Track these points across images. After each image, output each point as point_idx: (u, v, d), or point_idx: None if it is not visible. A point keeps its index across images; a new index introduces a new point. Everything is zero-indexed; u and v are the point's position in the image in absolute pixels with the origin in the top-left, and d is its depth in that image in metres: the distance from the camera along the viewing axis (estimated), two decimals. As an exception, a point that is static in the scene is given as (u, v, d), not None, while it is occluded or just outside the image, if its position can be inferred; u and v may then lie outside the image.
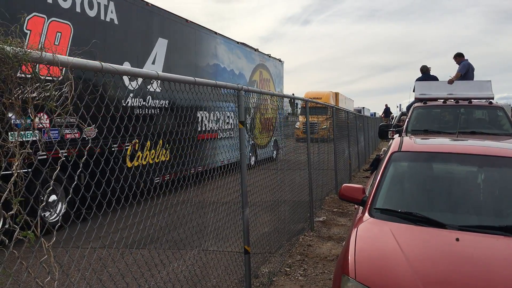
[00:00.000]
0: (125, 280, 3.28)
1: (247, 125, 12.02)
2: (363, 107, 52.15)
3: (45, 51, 2.17)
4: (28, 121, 2.16)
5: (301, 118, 14.62)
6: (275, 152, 17.88)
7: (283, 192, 6.88)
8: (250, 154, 15.24)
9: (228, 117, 13.93)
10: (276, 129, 16.15)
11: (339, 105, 28.96)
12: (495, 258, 3.10)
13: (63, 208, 7.39)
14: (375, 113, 59.59)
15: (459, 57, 10.43)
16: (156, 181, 5.50)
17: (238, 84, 4.53)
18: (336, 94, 34.90)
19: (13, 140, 2.07)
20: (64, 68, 2.31)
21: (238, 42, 15.66)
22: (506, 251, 3.17)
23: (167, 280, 4.52)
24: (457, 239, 3.21)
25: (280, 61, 20.63)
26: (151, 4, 10.45)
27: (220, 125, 13.54)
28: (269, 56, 19.09)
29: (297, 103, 10.67)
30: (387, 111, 36.16)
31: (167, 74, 3.33)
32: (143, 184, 3.71)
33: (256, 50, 17.51)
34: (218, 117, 13.45)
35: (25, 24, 6.88)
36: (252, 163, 15.34)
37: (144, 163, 9.37)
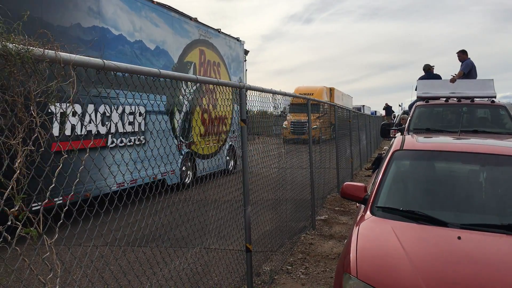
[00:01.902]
0: (127, 278, 3.29)
1: (178, 124, 10.85)
2: (363, 105, 51.13)
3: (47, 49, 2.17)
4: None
5: (289, 117, 13.63)
6: (231, 163, 14.28)
7: (285, 190, 6.88)
8: (184, 168, 11.49)
9: (133, 112, 9.08)
10: (232, 131, 14.28)
11: (334, 102, 26.48)
12: (497, 257, 3.09)
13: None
14: (375, 111, 59.20)
15: (462, 54, 10.40)
16: None
17: (240, 82, 4.53)
18: (331, 90, 32.39)
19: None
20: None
21: (154, 2, 10.65)
22: (508, 250, 3.17)
23: (169, 277, 4.52)
24: (459, 238, 3.20)
25: (238, 40, 15.72)
26: None
27: (116, 126, 8.42)
28: (219, 32, 14.14)
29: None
30: (388, 109, 36.05)
31: (169, 72, 3.33)
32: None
33: (193, 19, 12.47)
34: (108, 113, 8.05)
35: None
36: (188, 180, 11.59)
37: None
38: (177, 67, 11.40)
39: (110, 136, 8.16)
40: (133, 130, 9.22)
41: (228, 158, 14.04)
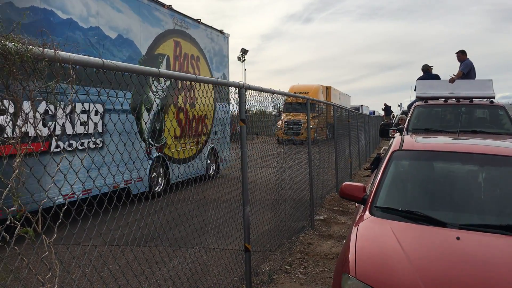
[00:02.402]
0: (126, 277, 3.29)
1: (146, 125, 9.53)
2: (361, 105, 50.87)
3: (46, 48, 2.17)
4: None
5: (283, 116, 12.55)
6: (213, 167, 13.06)
7: (284, 190, 6.88)
8: (154, 174, 10.18)
9: (86, 111, 7.61)
10: (214, 132, 13.05)
11: (331, 101, 25.88)
12: (496, 257, 3.09)
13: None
14: (374, 111, 59.07)
15: (462, 55, 10.40)
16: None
17: (239, 82, 4.52)
18: (328, 89, 31.41)
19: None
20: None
21: None
22: (507, 250, 3.17)
23: (168, 277, 4.52)
24: (458, 238, 3.21)
25: (222, 33, 14.20)
26: None
27: (62, 127, 6.72)
28: (199, 22, 12.72)
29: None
30: (387, 109, 36.05)
31: (167, 72, 3.33)
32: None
33: (166, 6, 11.09)
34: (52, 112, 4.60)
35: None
36: (158, 189, 10.21)
37: None
38: (145, 60, 9.94)
39: (54, 139, 6.04)
40: (86, 132, 7.93)
41: (209, 162, 12.75)
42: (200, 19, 12.76)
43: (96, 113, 8.02)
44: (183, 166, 10.49)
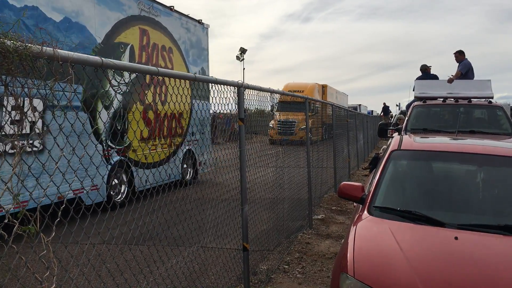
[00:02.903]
0: (124, 276, 3.29)
1: (104, 125, 8.09)
2: (359, 105, 50.27)
3: (45, 46, 2.16)
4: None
5: (277, 115, 11.64)
6: (190, 171, 11.69)
7: (282, 189, 6.88)
8: (115, 181, 8.84)
9: (19, 107, 2.85)
10: (191, 133, 11.74)
11: (327, 100, 25.25)
12: (494, 257, 3.10)
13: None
14: (372, 111, 58.94)
15: (460, 55, 10.41)
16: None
17: (238, 81, 4.52)
18: (324, 87, 30.59)
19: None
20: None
21: None
22: (505, 250, 3.18)
23: (166, 276, 4.52)
24: (456, 238, 3.21)
25: (200, 23, 12.76)
26: None
27: None
28: (172, 10, 11.35)
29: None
30: (385, 109, 36.10)
31: (166, 70, 3.33)
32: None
33: None
34: None
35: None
36: (119, 199, 8.72)
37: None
38: (102, 49, 8.56)
39: None
40: (18, 132, 5.92)
41: (185, 166, 11.45)
42: (173, 6, 11.31)
43: (34, 110, 6.58)
44: (152, 171, 8.74)
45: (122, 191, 9.01)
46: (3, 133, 2.40)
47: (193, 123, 11.22)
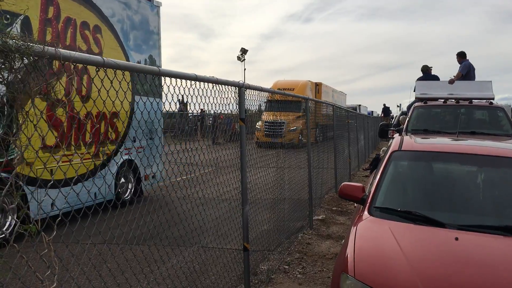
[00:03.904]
0: (125, 276, 3.29)
1: None
2: (359, 105, 49.36)
3: (47, 45, 2.17)
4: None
5: (264, 116, 10.05)
6: (130, 186, 9.32)
7: (283, 190, 6.88)
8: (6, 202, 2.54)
9: None
10: (133, 138, 8.80)
11: (321, 99, 23.61)
12: (494, 258, 3.10)
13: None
14: (372, 111, 58.62)
15: (460, 57, 10.42)
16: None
17: (239, 81, 4.52)
18: (318, 85, 28.34)
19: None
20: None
21: None
22: (505, 251, 3.18)
23: (166, 276, 4.52)
24: (456, 239, 3.22)
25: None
26: None
27: None
28: None
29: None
30: (386, 110, 36.09)
31: (167, 70, 3.32)
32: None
33: None
34: None
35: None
36: (7, 232, 5.66)
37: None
38: None
39: None
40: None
41: (123, 181, 9.11)
42: None
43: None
44: (64, 191, 4.11)
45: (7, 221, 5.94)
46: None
47: (137, 126, 7.97)
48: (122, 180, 9.13)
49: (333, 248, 6.62)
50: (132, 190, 9.29)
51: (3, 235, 5.89)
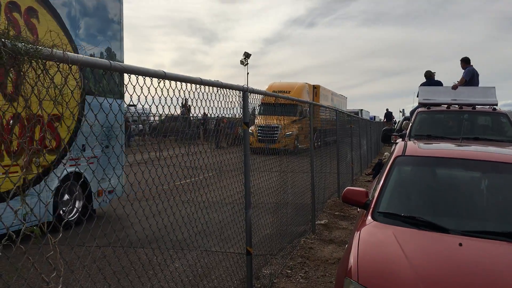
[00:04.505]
0: (129, 278, 3.30)
1: None
2: (361, 110, 48.62)
3: (56, 49, 2.19)
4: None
5: (258, 120, 9.43)
6: (76, 206, 7.83)
7: (286, 194, 6.88)
8: None
9: None
10: (82, 146, 6.56)
11: (319, 102, 22.42)
12: (498, 264, 3.10)
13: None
14: (374, 116, 58.35)
15: (464, 63, 10.41)
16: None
17: (244, 85, 4.54)
18: (315, 88, 26.95)
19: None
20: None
21: None
22: (509, 257, 3.18)
23: (170, 279, 4.52)
24: (460, 244, 3.21)
25: None
26: None
27: None
28: None
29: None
30: (388, 115, 35.99)
31: (173, 73, 3.34)
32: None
33: None
34: None
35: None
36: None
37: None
38: None
39: None
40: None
41: (66, 198, 7.60)
42: None
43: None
44: None
45: None
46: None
47: (88, 131, 4.92)
48: (66, 197, 7.59)
49: (335, 253, 6.61)
50: (80, 209, 7.71)
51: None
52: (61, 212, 7.24)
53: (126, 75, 2.69)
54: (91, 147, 3.06)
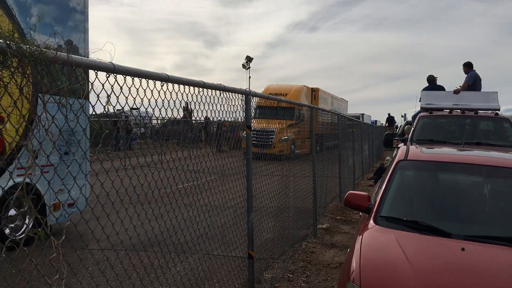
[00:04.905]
0: (131, 280, 3.30)
1: None
2: (362, 114, 47.76)
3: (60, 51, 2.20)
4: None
5: (253, 124, 9.64)
6: (25, 224, 6.20)
7: (287, 198, 6.88)
8: None
9: None
10: (35, 153, 2.60)
11: (318, 105, 21.22)
12: (500, 269, 3.09)
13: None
14: (376, 121, 58.25)
15: (467, 67, 10.42)
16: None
17: (246, 89, 4.56)
18: (314, 91, 26.08)
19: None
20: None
21: None
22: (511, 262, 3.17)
23: (172, 282, 4.52)
24: (463, 249, 3.21)
25: None
26: None
27: None
28: None
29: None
30: (390, 119, 35.97)
31: (176, 77, 3.35)
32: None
33: None
34: None
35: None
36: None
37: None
38: None
39: None
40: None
41: (12, 214, 6.13)
42: None
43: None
44: None
45: None
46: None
47: (42, 135, 3.30)
48: (13, 212, 6.19)
49: (337, 257, 6.60)
50: (30, 226, 6.23)
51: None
52: (5, 229, 6.03)
53: (92, 71, 2.37)
54: (46, 154, 2.27)
